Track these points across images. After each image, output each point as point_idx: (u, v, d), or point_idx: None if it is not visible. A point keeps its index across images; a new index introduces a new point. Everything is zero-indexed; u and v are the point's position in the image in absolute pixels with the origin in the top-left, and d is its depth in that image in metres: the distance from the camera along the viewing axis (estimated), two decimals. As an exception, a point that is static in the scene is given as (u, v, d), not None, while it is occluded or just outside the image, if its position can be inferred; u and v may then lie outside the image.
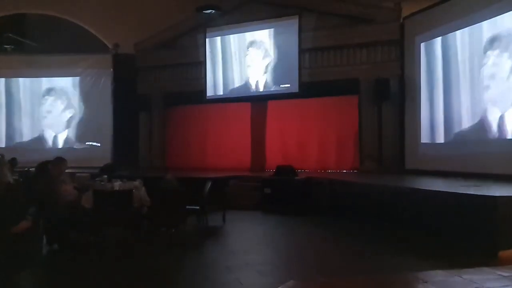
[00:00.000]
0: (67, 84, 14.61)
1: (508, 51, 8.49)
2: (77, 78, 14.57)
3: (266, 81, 12.67)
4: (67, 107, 14.56)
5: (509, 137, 8.48)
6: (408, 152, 11.17)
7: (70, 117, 14.52)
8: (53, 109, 14.61)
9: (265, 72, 12.67)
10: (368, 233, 7.36)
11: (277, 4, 12.52)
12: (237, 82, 13.13)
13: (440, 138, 10.27)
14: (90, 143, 14.44)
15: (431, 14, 10.55)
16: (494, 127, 8.81)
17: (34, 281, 4.85)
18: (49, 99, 14.60)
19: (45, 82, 14.65)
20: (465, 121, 9.55)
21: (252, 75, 12.90)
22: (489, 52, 8.91)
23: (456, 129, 9.81)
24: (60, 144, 14.54)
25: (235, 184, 10.47)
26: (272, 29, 12.61)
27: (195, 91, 13.53)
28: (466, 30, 9.53)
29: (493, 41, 8.82)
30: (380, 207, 7.83)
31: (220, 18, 12.90)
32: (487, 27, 8.97)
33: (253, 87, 12.86)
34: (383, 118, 11.51)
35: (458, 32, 9.74)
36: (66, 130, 14.57)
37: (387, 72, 11.38)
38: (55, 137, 14.60)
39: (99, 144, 14.39)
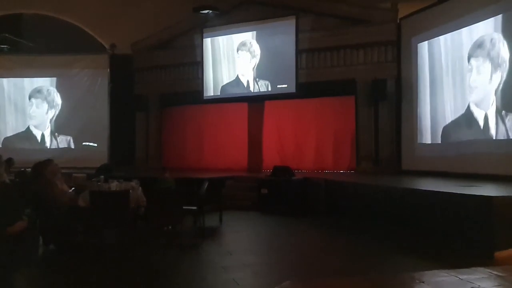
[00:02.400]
0: (64, 84, 14.58)
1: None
2: (74, 78, 14.54)
3: (263, 81, 12.66)
4: (64, 107, 14.53)
5: (505, 137, 8.50)
6: (405, 153, 11.20)
7: (67, 117, 14.48)
8: (50, 110, 14.58)
9: (262, 73, 12.67)
10: (364, 234, 7.37)
11: (274, 5, 12.51)
12: (234, 83, 13.13)
13: (437, 139, 10.29)
14: (87, 143, 14.42)
15: (428, 15, 10.58)
16: (491, 127, 8.83)
17: (30, 281, 4.83)
18: (46, 100, 14.57)
19: (42, 83, 14.63)
20: (462, 122, 9.58)
21: (249, 75, 12.90)
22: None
23: (453, 130, 9.83)
24: (57, 144, 14.51)
25: (232, 185, 10.48)
26: (269, 30, 12.60)
27: (192, 91, 13.53)
28: (462, 31, 9.55)
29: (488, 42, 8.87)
30: (376, 208, 7.84)
31: (217, 18, 12.89)
32: (483, 29, 9.00)
33: (250, 87, 12.86)
34: (380, 119, 11.52)
35: (454, 33, 9.77)
36: (63, 131, 14.53)
37: (383, 73, 11.40)
38: (52, 138, 14.57)
39: (95, 145, 14.38)
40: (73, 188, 6.81)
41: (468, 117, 9.38)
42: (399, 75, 11.40)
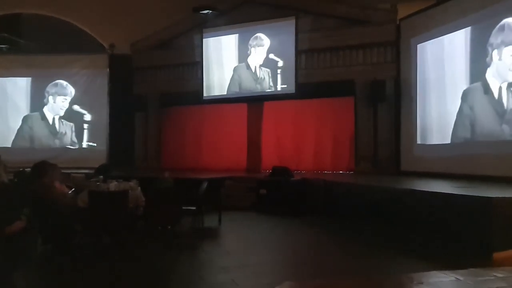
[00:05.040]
0: (63, 84, 14.57)
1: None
2: (73, 78, 14.53)
3: (262, 81, 12.67)
4: (63, 107, 14.52)
5: (504, 138, 8.51)
6: (404, 154, 11.20)
7: (66, 117, 14.48)
8: (49, 109, 14.57)
9: (261, 73, 12.67)
10: (363, 234, 7.37)
11: (273, 5, 12.52)
12: (233, 83, 13.13)
13: (436, 140, 10.30)
14: (86, 143, 14.40)
15: (427, 15, 10.59)
16: (489, 128, 8.84)
17: (29, 281, 4.83)
18: (45, 99, 14.56)
19: (41, 82, 14.60)
20: (460, 123, 9.58)
21: (248, 75, 12.90)
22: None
23: (451, 131, 9.83)
24: (56, 144, 14.50)
25: (231, 185, 10.48)
26: (268, 30, 12.61)
27: (191, 92, 13.51)
28: (462, 32, 9.56)
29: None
30: (375, 208, 7.84)
31: (217, 18, 12.90)
32: (483, 29, 9.01)
33: (249, 87, 12.86)
34: (379, 120, 11.52)
35: (454, 34, 9.77)
36: (62, 131, 14.53)
37: (383, 74, 11.41)
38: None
39: (94, 144, 14.37)
40: (72, 189, 6.80)
41: (466, 117, 9.36)
42: (399, 76, 11.40)
